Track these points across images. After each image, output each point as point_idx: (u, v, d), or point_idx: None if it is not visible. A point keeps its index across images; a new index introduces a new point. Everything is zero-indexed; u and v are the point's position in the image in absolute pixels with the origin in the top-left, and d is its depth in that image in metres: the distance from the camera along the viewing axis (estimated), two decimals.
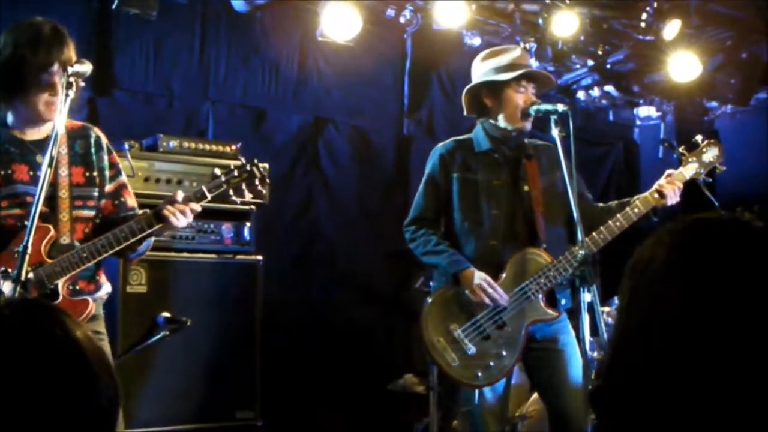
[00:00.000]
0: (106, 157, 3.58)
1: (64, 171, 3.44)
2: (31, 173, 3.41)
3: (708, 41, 7.22)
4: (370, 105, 7.18)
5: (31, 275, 3.21)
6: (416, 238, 4.26)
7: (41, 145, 3.38)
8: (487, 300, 4.02)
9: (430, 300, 4.19)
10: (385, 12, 6.48)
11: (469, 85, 4.33)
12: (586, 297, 3.68)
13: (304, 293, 6.71)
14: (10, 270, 3.24)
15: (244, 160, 3.58)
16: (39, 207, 3.08)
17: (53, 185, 3.37)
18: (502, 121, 4.23)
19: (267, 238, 5.74)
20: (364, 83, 7.10)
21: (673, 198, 4.17)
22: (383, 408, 6.34)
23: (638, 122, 8.81)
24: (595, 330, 4.15)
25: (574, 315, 4.13)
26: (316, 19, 6.31)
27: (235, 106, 6.57)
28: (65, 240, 3.42)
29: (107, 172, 3.58)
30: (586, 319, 3.71)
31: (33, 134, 3.48)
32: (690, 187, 4.34)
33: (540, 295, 4.09)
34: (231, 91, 6.52)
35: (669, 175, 4.22)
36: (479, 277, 4.04)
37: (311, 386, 6.38)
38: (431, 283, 4.51)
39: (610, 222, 4.08)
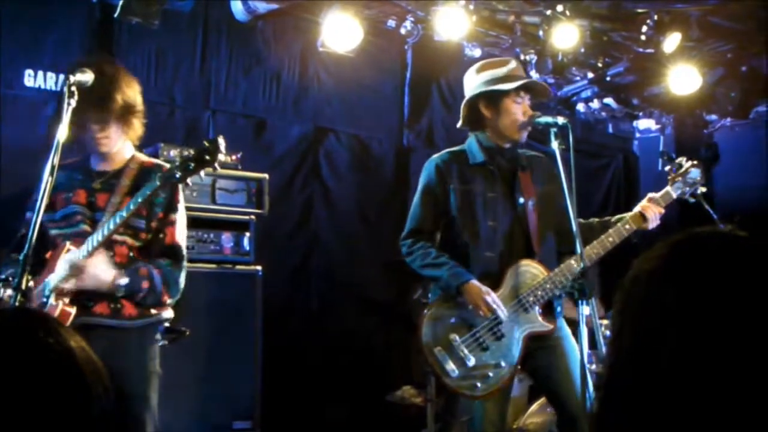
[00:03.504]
0: (163, 195, 3.69)
1: (116, 199, 3.67)
2: (89, 198, 3.71)
3: (708, 54, 7.23)
4: (370, 115, 7.20)
5: (31, 284, 3.30)
6: (413, 251, 4.25)
7: (104, 175, 3.76)
8: (489, 314, 4.03)
9: (428, 310, 4.18)
10: (385, 23, 6.49)
11: (468, 96, 4.33)
12: (585, 310, 3.69)
13: (303, 303, 6.70)
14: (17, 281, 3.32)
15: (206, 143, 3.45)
16: (40, 217, 3.19)
17: (101, 209, 3.66)
18: (499, 132, 4.25)
19: (266, 248, 5.74)
20: (365, 94, 7.12)
21: (654, 222, 4.23)
22: (381, 419, 6.33)
23: (638, 135, 8.80)
24: (593, 343, 4.15)
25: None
26: (317, 29, 6.31)
27: (235, 115, 6.57)
28: None
29: (158, 209, 3.73)
30: (584, 332, 3.72)
31: (103, 165, 3.80)
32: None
33: (536, 307, 4.10)
34: (232, 101, 6.53)
35: (650, 199, 4.28)
36: (483, 290, 4.04)
37: (310, 396, 6.37)
38: (429, 295, 4.50)
39: (603, 237, 4.13)
